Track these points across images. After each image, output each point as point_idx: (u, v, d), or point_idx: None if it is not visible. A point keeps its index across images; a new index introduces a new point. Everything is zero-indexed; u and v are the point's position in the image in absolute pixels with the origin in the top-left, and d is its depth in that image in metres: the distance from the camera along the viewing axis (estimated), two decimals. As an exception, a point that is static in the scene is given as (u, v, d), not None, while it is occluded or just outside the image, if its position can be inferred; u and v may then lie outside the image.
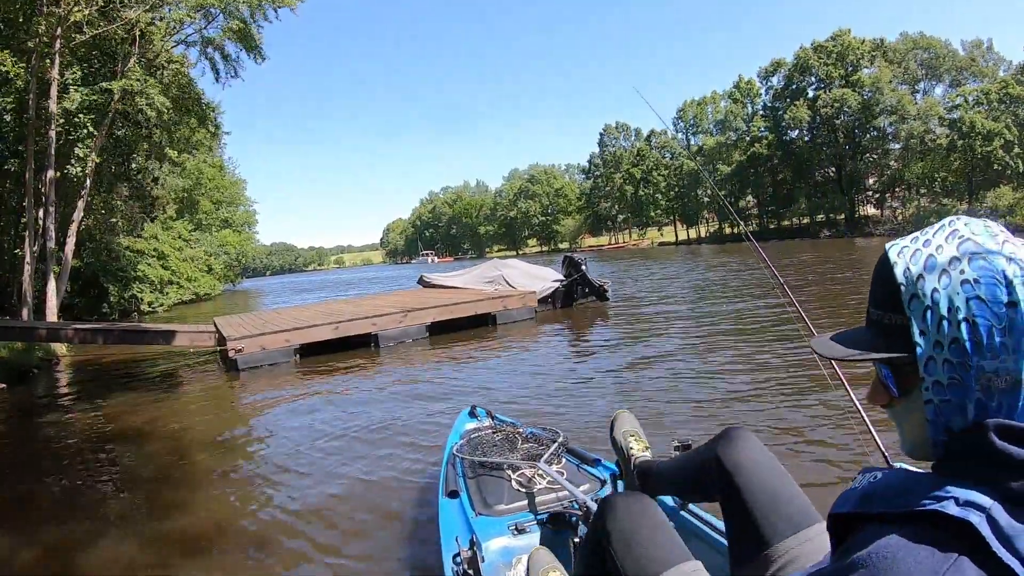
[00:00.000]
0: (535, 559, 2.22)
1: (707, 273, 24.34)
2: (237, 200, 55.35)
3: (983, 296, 0.72)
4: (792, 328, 8.75)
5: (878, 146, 61.18)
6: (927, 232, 0.81)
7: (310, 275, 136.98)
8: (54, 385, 11.59)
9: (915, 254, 0.79)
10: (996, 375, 0.73)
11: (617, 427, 2.51)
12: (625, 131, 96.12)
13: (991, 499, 0.67)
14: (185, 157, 24.79)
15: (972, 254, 0.74)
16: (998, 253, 0.73)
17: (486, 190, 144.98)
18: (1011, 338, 0.71)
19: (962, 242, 0.76)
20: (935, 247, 0.78)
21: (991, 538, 0.64)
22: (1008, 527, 0.64)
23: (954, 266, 0.75)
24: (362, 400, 7.63)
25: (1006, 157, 49.90)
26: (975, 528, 0.64)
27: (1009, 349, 0.72)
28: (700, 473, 1.78)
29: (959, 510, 0.66)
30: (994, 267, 0.73)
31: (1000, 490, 0.68)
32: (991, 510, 0.66)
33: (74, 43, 15.68)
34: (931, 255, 0.77)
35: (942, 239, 0.78)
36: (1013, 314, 0.71)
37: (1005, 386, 0.73)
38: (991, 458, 0.71)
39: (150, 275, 30.22)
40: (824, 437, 4.71)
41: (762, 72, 71.10)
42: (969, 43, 62.61)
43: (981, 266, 0.73)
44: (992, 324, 0.72)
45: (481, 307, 13.24)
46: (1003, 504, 0.66)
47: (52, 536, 4.34)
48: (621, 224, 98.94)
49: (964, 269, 0.74)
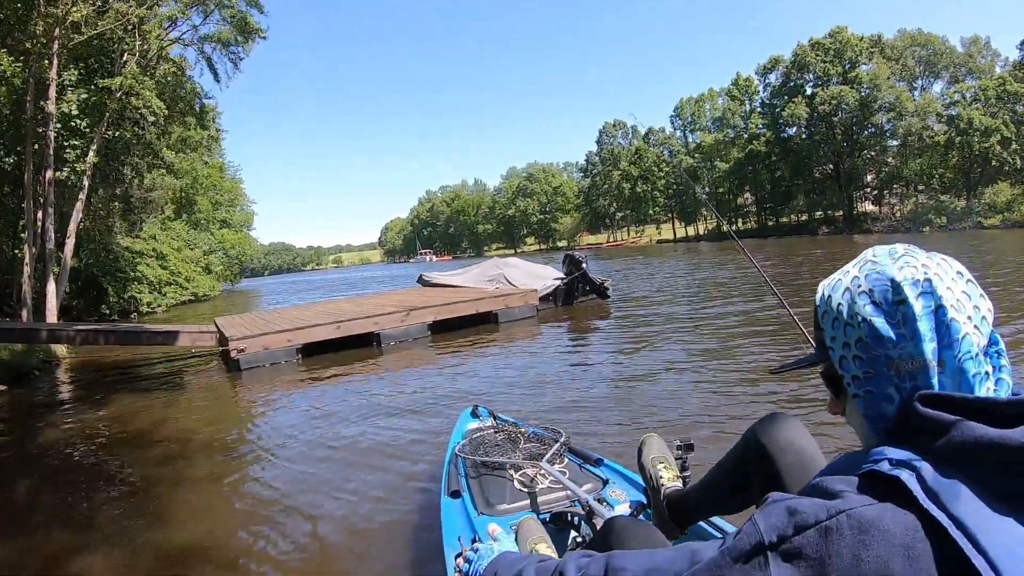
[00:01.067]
0: (525, 527, 2.23)
1: (707, 271, 24.36)
2: (236, 200, 55.29)
3: (877, 299, 0.86)
4: (792, 328, 8.74)
5: (876, 143, 61.29)
6: (848, 265, 0.96)
7: (308, 275, 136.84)
8: (55, 387, 11.55)
9: (832, 281, 0.96)
10: (902, 360, 0.84)
11: (645, 453, 2.34)
12: (623, 129, 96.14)
13: (920, 458, 0.75)
14: (181, 157, 24.73)
15: (869, 271, 0.89)
16: (890, 265, 0.87)
17: (484, 189, 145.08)
18: (906, 328, 0.83)
19: (864, 264, 0.91)
20: (845, 272, 0.94)
21: (918, 492, 0.71)
22: (934, 482, 0.72)
23: (855, 283, 0.90)
24: (365, 399, 7.63)
25: (1004, 153, 50.10)
26: (905, 484, 0.73)
27: (907, 337, 0.83)
28: (741, 465, 1.74)
29: (890, 468, 0.76)
30: (883, 275, 0.86)
31: (929, 451, 0.76)
32: (920, 469, 0.74)
33: (72, 43, 15.65)
34: (839, 279, 0.94)
35: (853, 266, 0.93)
36: (905, 309, 0.83)
37: (913, 367, 0.83)
38: (920, 426, 0.79)
39: (149, 275, 30.16)
40: (826, 437, 4.72)
41: (760, 69, 71.17)
42: (967, 40, 62.66)
43: (874, 277, 0.87)
44: (886, 319, 0.84)
45: (483, 306, 13.25)
46: (932, 463, 0.74)
47: (48, 542, 4.31)
48: (619, 222, 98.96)
49: (861, 283, 0.89)
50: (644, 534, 1.58)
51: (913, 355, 0.83)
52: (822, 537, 0.71)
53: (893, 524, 0.69)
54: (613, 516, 1.72)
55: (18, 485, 5.76)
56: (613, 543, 1.56)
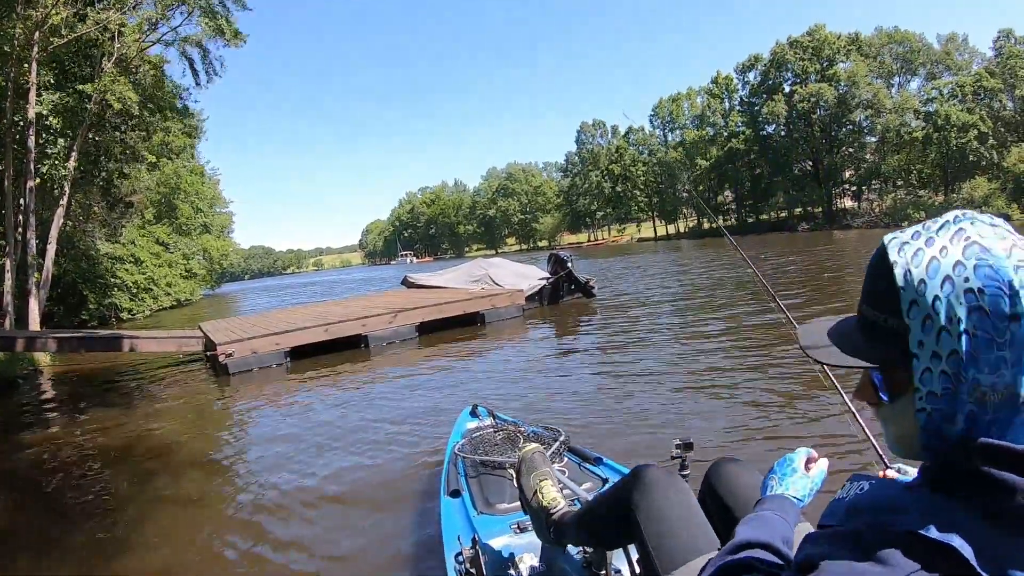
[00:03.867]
0: (529, 460, 2.20)
1: (688, 268, 24.46)
2: (215, 201, 54.80)
3: (986, 308, 0.68)
4: (775, 319, 8.81)
5: (854, 139, 61.62)
6: (930, 229, 0.75)
7: (289, 278, 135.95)
8: (39, 395, 11.42)
9: (917, 254, 0.74)
10: (992, 389, 0.69)
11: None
12: (602, 128, 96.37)
13: (974, 520, 0.66)
14: (164, 163, 24.50)
15: (978, 259, 0.70)
16: (1005, 260, 0.69)
17: (464, 189, 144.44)
18: (1011, 352, 0.68)
19: (968, 245, 0.71)
20: (939, 248, 0.73)
21: (973, 561, 0.62)
22: (993, 554, 0.63)
23: (958, 272, 0.70)
24: (357, 401, 7.65)
25: (981, 148, 50.52)
26: (957, 551, 0.63)
27: (1008, 363, 0.68)
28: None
29: (940, 534, 0.65)
30: (1000, 277, 0.68)
31: (981, 509, 0.67)
32: (972, 533, 0.64)
33: (52, 47, 15.49)
34: (934, 258, 0.72)
35: (947, 239, 0.73)
36: (1016, 328, 0.67)
37: (1000, 400, 0.70)
38: (978, 478, 0.69)
39: (128, 281, 29.84)
40: (817, 435, 4.78)
41: (739, 67, 71.51)
42: (944, 37, 63.17)
43: (987, 275, 0.68)
44: (993, 338, 0.68)
45: (470, 306, 13.28)
46: (988, 527, 0.65)
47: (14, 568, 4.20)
48: (600, 221, 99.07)
49: (969, 277, 0.69)
50: (675, 489, 1.57)
51: (1008, 385, 0.69)
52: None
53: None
54: (642, 466, 1.66)
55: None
56: (640, 495, 1.56)
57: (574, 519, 1.87)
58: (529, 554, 2.35)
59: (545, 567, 2.22)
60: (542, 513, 2.02)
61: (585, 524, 1.82)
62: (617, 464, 3.09)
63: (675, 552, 1.43)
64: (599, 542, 1.85)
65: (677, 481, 1.60)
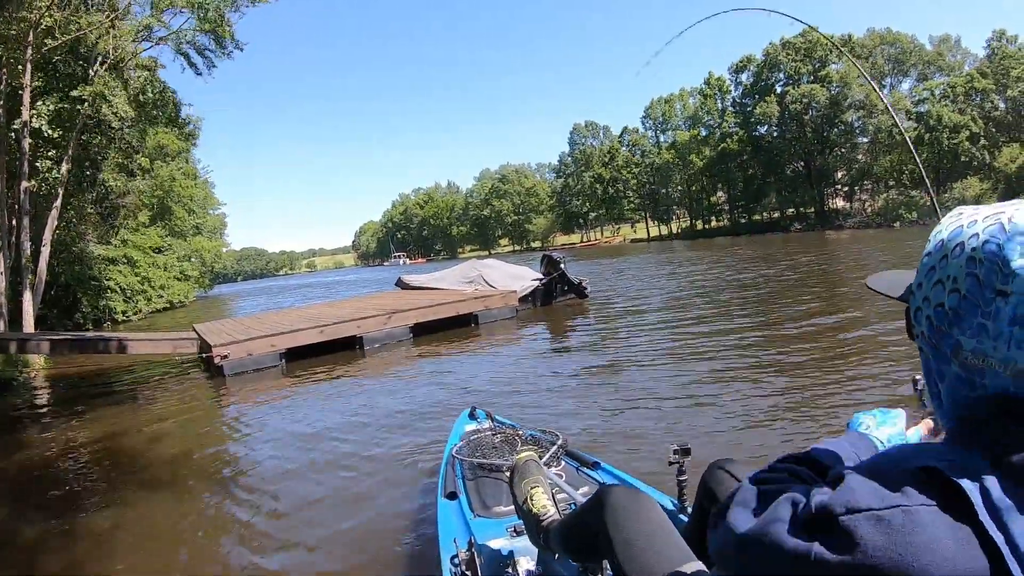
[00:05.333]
0: (523, 467, 2.25)
1: (681, 269, 24.49)
2: (207, 203, 54.59)
3: (980, 277, 0.74)
4: (772, 319, 8.84)
5: (846, 140, 61.82)
6: (986, 209, 0.80)
7: (283, 279, 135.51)
8: (33, 397, 11.41)
9: (954, 222, 0.81)
10: (973, 354, 0.75)
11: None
12: (594, 129, 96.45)
13: (990, 470, 0.67)
14: (159, 166, 24.40)
15: (991, 237, 0.74)
16: (1015, 242, 0.72)
17: (457, 191, 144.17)
18: (993, 324, 0.72)
19: (993, 224, 0.76)
20: (970, 220, 0.79)
21: (980, 507, 0.64)
22: (999, 499, 0.64)
23: (971, 242, 0.76)
24: (352, 403, 7.66)
25: (972, 149, 50.68)
26: (967, 494, 0.65)
27: (989, 334, 0.73)
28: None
29: (953, 472, 0.67)
30: (1003, 255, 0.72)
31: (1000, 461, 0.68)
32: (985, 481, 0.66)
33: (46, 49, 15.43)
34: (962, 227, 0.79)
35: (982, 216, 0.78)
36: (1001, 303, 0.71)
37: (983, 366, 0.74)
38: (997, 431, 0.72)
39: (122, 283, 29.73)
40: (817, 436, 4.81)
41: (732, 68, 71.62)
42: (937, 38, 63.42)
43: (991, 251, 0.73)
44: (979, 304, 0.74)
45: (463, 307, 13.31)
46: (1000, 478, 0.66)
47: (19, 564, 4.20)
48: (593, 222, 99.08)
49: (977, 247, 0.75)
50: (638, 506, 1.58)
51: (987, 355, 0.74)
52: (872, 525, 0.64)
53: (945, 534, 0.62)
54: (606, 487, 1.69)
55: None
56: (607, 515, 1.57)
57: (555, 532, 1.91)
58: (525, 557, 2.34)
59: (541, 570, 2.23)
60: (533, 520, 2.06)
61: (563, 539, 1.86)
62: (615, 469, 3.10)
63: (646, 570, 1.45)
64: (577, 558, 1.89)
65: (642, 499, 1.62)
